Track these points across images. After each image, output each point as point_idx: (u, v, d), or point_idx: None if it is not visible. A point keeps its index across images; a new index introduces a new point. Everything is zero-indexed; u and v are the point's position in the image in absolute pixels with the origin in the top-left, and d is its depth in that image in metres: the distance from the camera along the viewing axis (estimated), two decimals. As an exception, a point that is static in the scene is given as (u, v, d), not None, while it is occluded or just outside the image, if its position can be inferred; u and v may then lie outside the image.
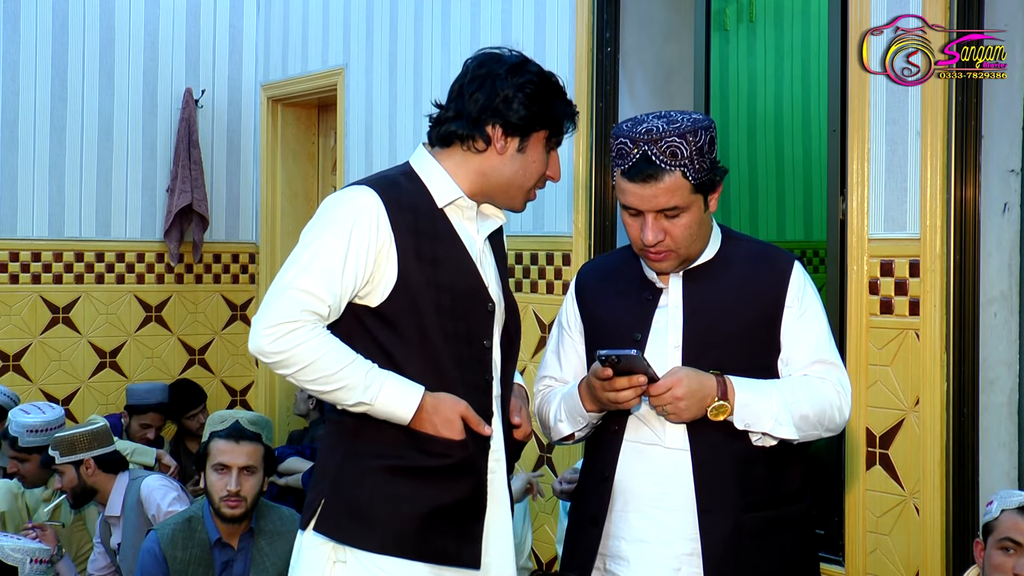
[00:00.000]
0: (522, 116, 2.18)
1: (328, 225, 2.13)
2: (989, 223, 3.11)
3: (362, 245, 2.10)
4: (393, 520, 2.14)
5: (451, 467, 2.15)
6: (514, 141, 2.20)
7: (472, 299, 2.20)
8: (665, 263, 2.22)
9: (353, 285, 2.11)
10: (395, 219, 2.14)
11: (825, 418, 2.22)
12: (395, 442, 2.15)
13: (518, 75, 2.19)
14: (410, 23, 5.09)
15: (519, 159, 2.21)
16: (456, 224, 2.22)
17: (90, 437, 4.06)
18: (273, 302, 2.09)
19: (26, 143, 5.70)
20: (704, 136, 2.15)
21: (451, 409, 2.13)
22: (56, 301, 5.79)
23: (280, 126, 6.21)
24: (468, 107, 2.19)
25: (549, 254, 4.33)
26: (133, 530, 3.91)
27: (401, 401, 2.11)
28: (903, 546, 3.14)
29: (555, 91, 2.23)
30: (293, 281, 2.09)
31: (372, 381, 2.10)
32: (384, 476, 2.15)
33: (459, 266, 2.19)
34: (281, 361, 2.08)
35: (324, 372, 2.08)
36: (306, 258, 2.11)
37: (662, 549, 2.20)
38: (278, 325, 2.06)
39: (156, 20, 6.06)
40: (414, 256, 2.14)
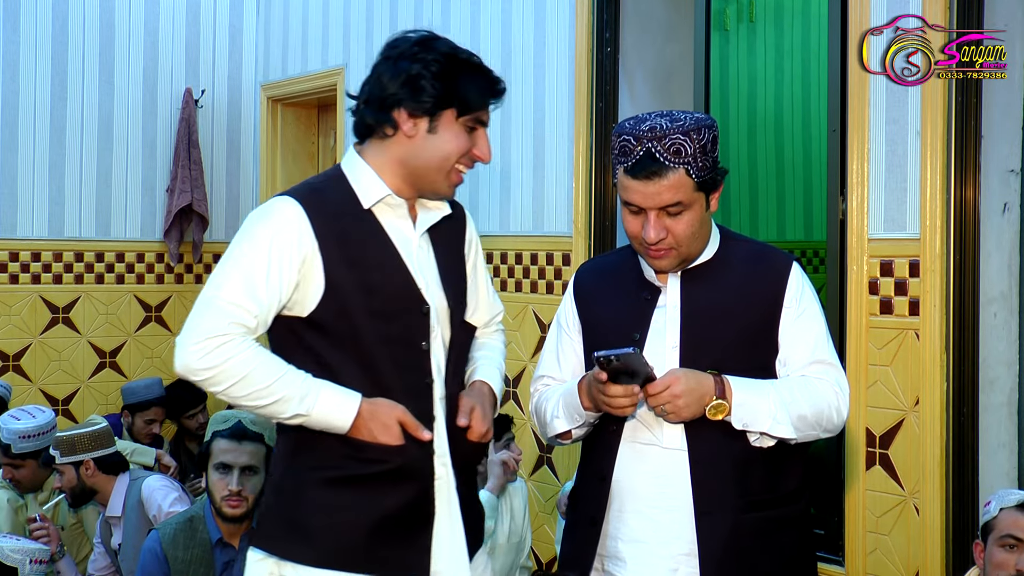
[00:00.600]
0: (427, 95, 2.09)
1: (250, 239, 2.09)
2: (989, 223, 3.11)
3: (284, 257, 2.06)
4: (332, 532, 2.10)
5: (390, 473, 2.09)
6: (422, 122, 2.11)
7: (404, 301, 2.14)
8: (665, 261, 2.22)
9: (278, 297, 2.07)
10: (318, 226, 2.09)
11: (823, 418, 2.22)
12: (333, 452, 2.10)
13: (423, 52, 2.11)
14: (410, 23, 5.09)
15: (431, 140, 2.12)
16: (386, 223, 2.16)
17: (91, 438, 4.06)
18: (199, 317, 2.03)
19: (26, 143, 5.70)
20: (707, 134, 2.15)
21: (387, 414, 2.08)
22: (56, 301, 5.79)
23: (280, 126, 6.21)
24: (375, 93, 2.14)
25: (549, 254, 4.33)
26: (134, 530, 3.91)
27: (338, 410, 2.06)
28: (903, 546, 3.14)
29: (463, 67, 2.12)
30: (217, 295, 2.04)
31: (308, 391, 2.05)
32: (322, 487, 2.11)
33: (388, 268, 2.14)
34: (211, 378, 2.01)
35: (257, 386, 2.02)
36: (229, 271, 2.07)
37: (659, 549, 2.20)
38: (206, 340, 2.00)
39: (156, 20, 6.06)
40: (341, 262, 2.09)
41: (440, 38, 2.16)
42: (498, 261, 4.56)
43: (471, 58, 2.16)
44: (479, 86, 2.14)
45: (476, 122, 2.15)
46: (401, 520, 2.13)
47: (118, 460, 4.11)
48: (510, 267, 4.51)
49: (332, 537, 2.10)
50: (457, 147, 2.14)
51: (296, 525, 2.12)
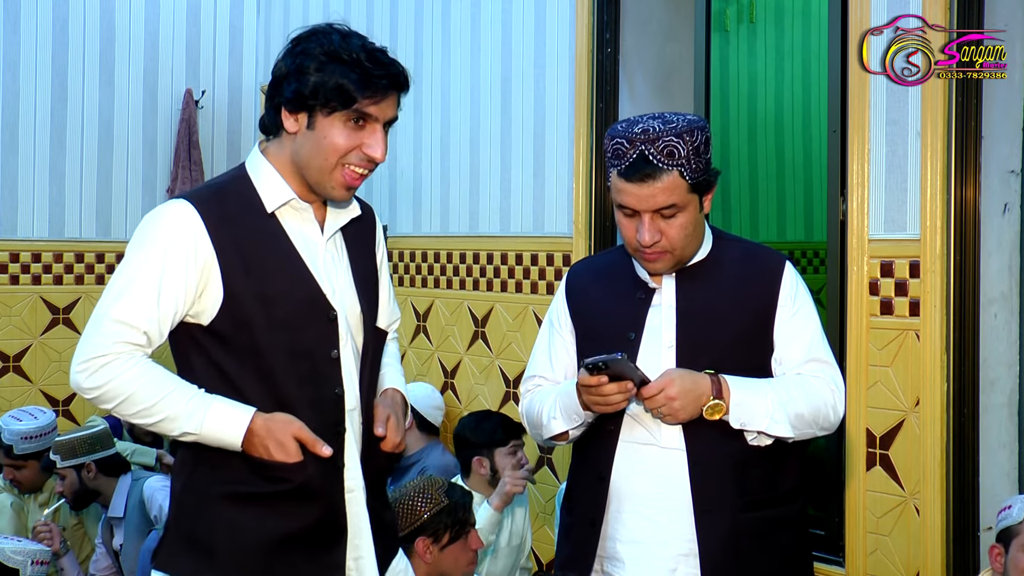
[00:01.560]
0: (295, 90, 2.01)
1: (142, 247, 2.01)
2: (989, 224, 3.11)
3: (178, 267, 1.97)
4: (236, 551, 2.01)
5: (292, 492, 2.00)
6: (301, 118, 2.02)
7: (308, 309, 2.05)
8: (660, 263, 2.22)
9: (174, 308, 1.99)
10: (216, 232, 2.00)
11: (820, 416, 2.22)
12: (235, 468, 2.01)
13: (300, 46, 2.05)
14: (410, 23, 5.09)
15: (311, 136, 2.02)
16: (291, 228, 2.07)
17: (91, 441, 4.06)
18: (88, 335, 1.99)
19: (26, 144, 5.70)
20: (700, 136, 2.15)
21: (283, 430, 1.98)
22: (56, 302, 5.79)
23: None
24: (270, 92, 2.08)
25: (549, 254, 4.33)
26: (135, 531, 3.92)
27: (228, 427, 1.96)
28: (903, 547, 3.14)
29: (335, 60, 2.00)
30: (106, 311, 1.98)
31: (196, 408, 1.97)
32: (224, 505, 2.02)
33: (291, 275, 2.04)
34: (99, 396, 1.97)
35: (143, 404, 1.96)
36: (120, 285, 1.99)
37: (658, 550, 2.20)
38: (91, 360, 1.96)
39: (156, 21, 6.06)
40: (240, 269, 2.00)
41: (332, 31, 2.07)
42: (498, 262, 4.55)
43: (353, 51, 2.02)
44: (354, 80, 1.99)
45: (360, 116, 2.01)
46: (310, 539, 2.04)
47: (119, 461, 4.11)
48: (510, 268, 4.51)
49: (236, 556, 2.02)
50: (336, 143, 2.01)
51: (196, 543, 2.04)
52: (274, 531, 2.02)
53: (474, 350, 4.67)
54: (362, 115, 2.01)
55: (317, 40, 2.05)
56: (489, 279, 4.61)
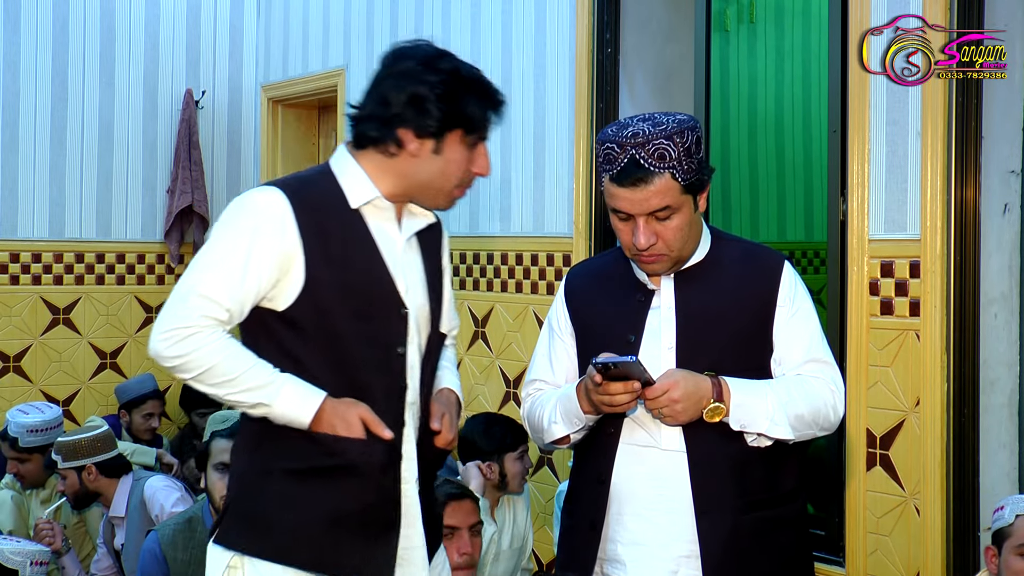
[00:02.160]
0: (434, 119, 2.08)
1: (232, 228, 2.07)
2: (989, 224, 3.11)
3: (265, 249, 2.04)
4: (290, 526, 2.08)
5: (347, 468, 2.07)
6: (428, 143, 2.10)
7: (383, 302, 2.12)
8: (657, 266, 2.22)
9: (256, 290, 2.05)
10: (303, 221, 2.07)
11: (820, 417, 2.22)
12: (295, 446, 2.08)
13: (429, 73, 2.09)
14: (410, 24, 5.09)
15: (436, 161, 2.11)
16: (373, 225, 2.14)
17: (93, 442, 4.07)
18: (172, 307, 2.05)
19: (27, 144, 5.70)
20: (691, 136, 2.14)
21: (348, 411, 2.06)
22: (56, 302, 5.79)
23: (280, 127, 6.21)
24: (379, 109, 2.11)
25: (549, 255, 4.33)
26: (137, 531, 3.92)
27: (300, 404, 2.05)
28: (903, 547, 3.14)
29: (468, 86, 2.10)
30: (193, 286, 2.05)
31: (271, 384, 2.04)
32: (283, 480, 2.09)
33: (370, 269, 2.12)
34: (179, 365, 2.04)
35: (223, 376, 2.03)
36: (207, 261, 2.06)
37: (659, 552, 2.19)
38: (174, 330, 2.02)
39: (156, 21, 6.06)
40: (322, 259, 2.07)
41: (444, 55, 2.14)
42: (498, 262, 4.55)
43: (473, 74, 2.14)
44: (483, 104, 2.13)
45: (479, 139, 2.15)
46: (363, 521, 2.10)
47: (120, 463, 4.12)
48: (510, 268, 4.50)
49: (293, 532, 2.08)
50: (461, 166, 2.14)
51: (256, 518, 2.10)
52: (329, 507, 2.08)
53: (474, 350, 4.67)
54: (480, 139, 2.15)
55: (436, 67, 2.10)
56: (489, 279, 4.61)
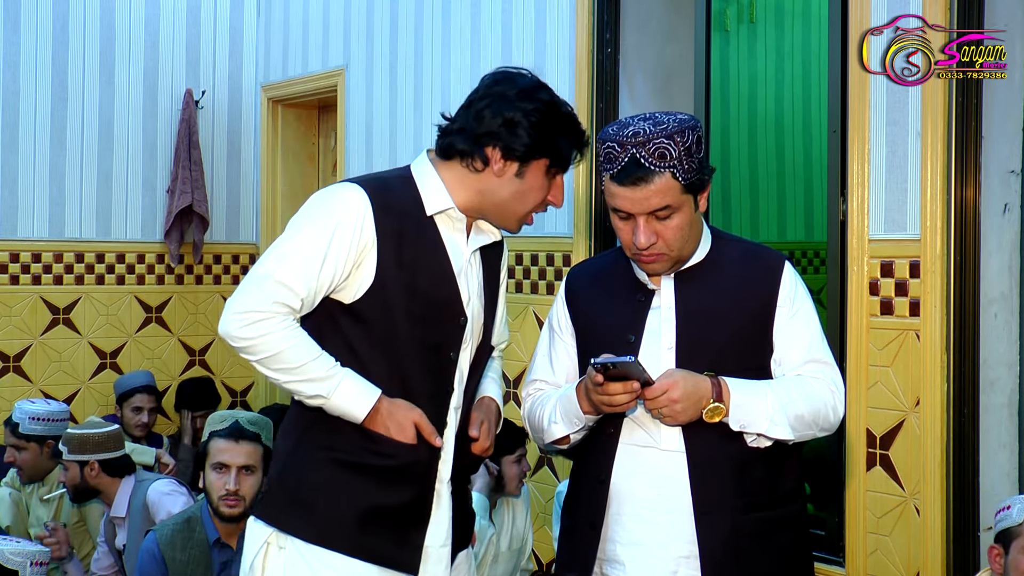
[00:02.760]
0: (523, 143, 2.16)
1: (313, 219, 2.15)
2: (989, 224, 3.11)
3: (343, 244, 2.11)
4: (332, 513, 2.16)
5: (396, 469, 2.16)
6: (512, 166, 2.18)
7: (445, 309, 2.21)
8: (657, 265, 2.21)
9: (330, 282, 2.13)
10: (380, 221, 2.14)
11: (820, 417, 2.22)
12: (346, 437, 2.16)
13: (526, 100, 2.17)
14: (410, 24, 5.09)
15: (516, 184, 2.20)
16: (444, 233, 2.22)
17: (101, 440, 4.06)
18: (248, 289, 2.11)
19: (27, 144, 5.70)
20: (691, 136, 2.14)
21: (405, 415, 2.15)
22: (56, 302, 5.79)
23: (280, 127, 6.21)
24: (472, 124, 2.19)
25: (549, 255, 4.33)
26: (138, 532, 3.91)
27: (357, 400, 2.12)
28: (903, 547, 3.14)
29: (562, 120, 2.20)
30: (271, 271, 2.11)
31: (331, 377, 2.11)
32: (330, 468, 2.17)
33: (437, 274, 2.20)
34: (247, 347, 2.10)
35: (287, 364, 2.10)
36: (287, 249, 2.13)
37: (659, 552, 2.19)
38: (248, 312, 2.08)
39: (156, 21, 6.06)
40: (394, 259, 2.15)
41: (543, 87, 2.22)
42: (498, 262, 4.55)
43: (567, 111, 2.21)
44: (572, 141, 2.21)
45: (559, 171, 2.22)
46: (398, 516, 2.19)
47: (125, 464, 4.11)
48: (510, 268, 4.50)
49: (331, 518, 2.16)
50: (540, 194, 2.22)
51: (299, 500, 2.18)
52: (370, 502, 2.16)
53: (474, 350, 4.66)
54: (563, 171, 2.24)
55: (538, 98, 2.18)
56: (489, 279, 4.60)
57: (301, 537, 2.17)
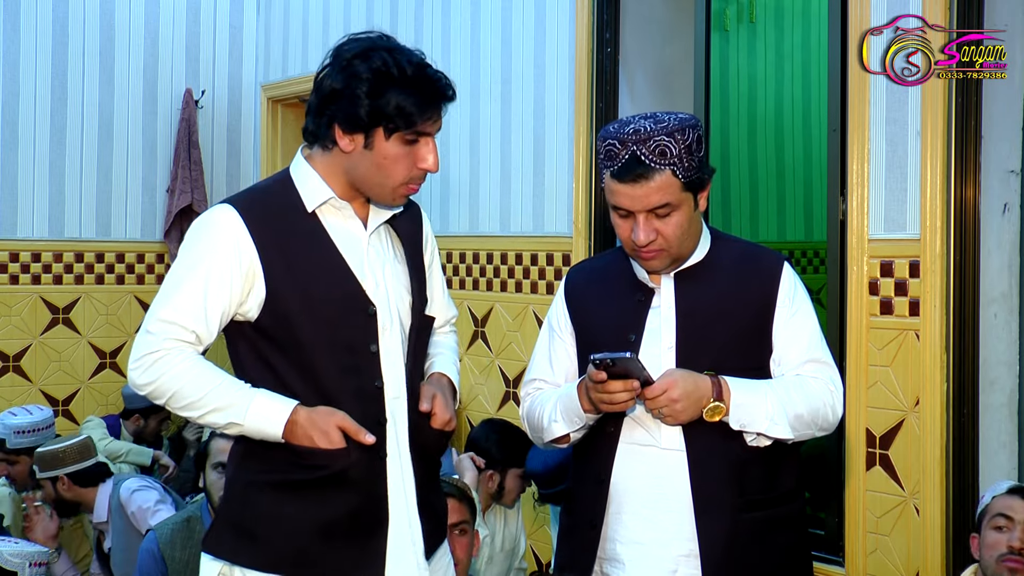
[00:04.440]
0: (351, 114, 2.04)
1: (190, 251, 2.11)
2: (989, 223, 3.11)
3: (224, 267, 2.06)
4: (279, 537, 2.09)
5: (334, 477, 2.07)
6: (357, 138, 2.06)
7: (347, 303, 2.11)
8: (657, 261, 2.22)
9: (221, 308, 2.07)
10: (257, 233, 2.08)
11: (819, 417, 2.22)
12: (276, 458, 2.09)
13: (353, 66, 2.05)
14: (410, 24, 5.09)
15: (368, 156, 2.07)
16: (332, 226, 2.14)
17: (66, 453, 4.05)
18: (140, 336, 2.08)
19: (26, 143, 5.70)
20: (692, 134, 2.15)
21: (325, 421, 2.05)
22: (56, 302, 5.79)
23: (280, 126, 6.21)
24: (314, 102, 2.11)
25: (549, 254, 4.33)
26: (119, 533, 3.91)
27: (270, 418, 2.05)
28: (903, 547, 3.14)
29: (392, 82, 2.02)
30: (154, 312, 2.08)
31: (240, 401, 2.05)
32: (267, 492, 2.10)
33: (330, 271, 2.11)
34: (152, 392, 2.06)
35: (190, 398, 2.04)
36: (169, 288, 2.09)
37: (658, 551, 2.19)
38: (143, 357, 2.05)
39: (156, 20, 6.06)
40: (281, 267, 2.08)
41: (379, 47, 2.08)
42: (498, 261, 4.55)
43: (405, 70, 2.04)
44: (412, 102, 2.03)
45: (416, 135, 2.06)
46: (351, 525, 2.10)
47: (97, 471, 4.09)
48: (510, 268, 4.50)
49: (279, 542, 2.09)
50: (400, 163, 2.07)
51: (243, 529, 2.12)
52: (314, 518, 2.09)
53: (474, 350, 4.67)
54: (419, 133, 2.06)
55: (366, 59, 2.05)
56: (489, 279, 4.61)
57: (252, 567, 2.10)
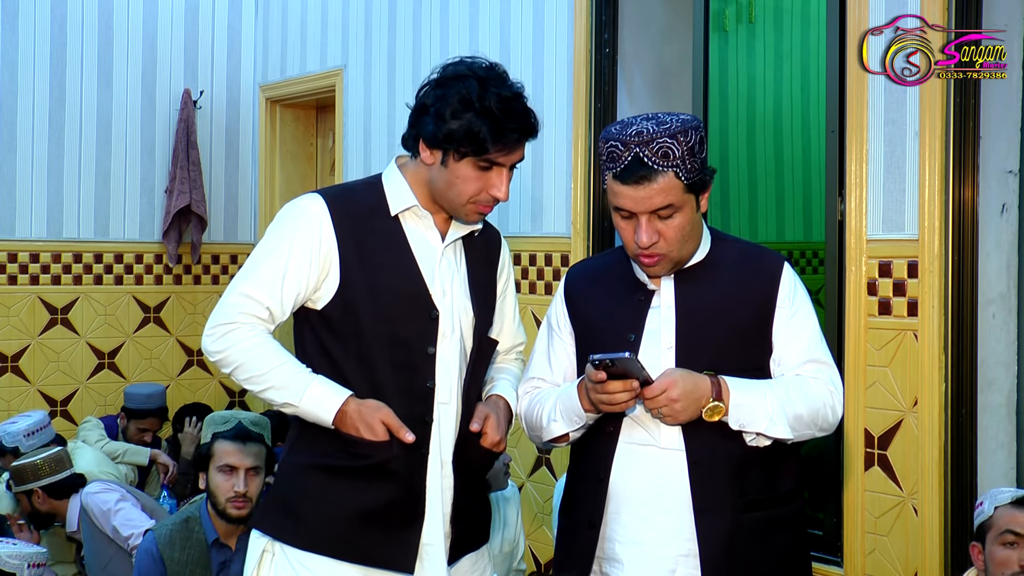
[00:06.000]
0: (431, 132, 2.18)
1: (275, 231, 2.24)
2: (987, 224, 3.11)
3: (304, 251, 2.19)
4: (320, 518, 2.21)
5: (375, 468, 2.18)
6: (436, 154, 2.20)
7: (411, 304, 2.23)
8: (657, 268, 2.22)
9: (297, 289, 2.20)
10: (340, 225, 2.21)
11: (818, 417, 2.22)
12: (327, 442, 2.21)
13: (442, 88, 2.19)
14: (408, 24, 5.08)
15: (444, 173, 2.21)
16: (412, 231, 2.27)
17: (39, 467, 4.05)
18: (219, 304, 2.22)
19: (25, 144, 5.70)
20: (694, 136, 2.15)
21: (371, 415, 2.17)
22: (54, 302, 5.78)
23: (278, 127, 6.21)
24: (411, 114, 2.25)
25: (548, 255, 4.33)
26: (90, 538, 3.91)
27: (323, 404, 2.17)
28: (901, 547, 3.14)
29: (473, 109, 2.15)
30: (236, 286, 2.22)
31: (298, 383, 2.17)
32: (314, 474, 2.23)
33: (402, 272, 2.23)
34: (220, 360, 2.20)
35: (254, 372, 2.18)
36: (251, 263, 2.24)
37: (657, 551, 2.19)
38: (217, 326, 2.20)
39: (155, 21, 6.06)
40: (356, 261, 2.21)
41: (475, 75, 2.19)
42: (497, 262, 4.55)
43: (488, 100, 2.15)
44: (486, 131, 2.15)
45: (488, 162, 2.18)
46: (387, 515, 2.21)
47: (70, 483, 4.09)
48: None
49: (320, 523, 2.21)
50: (471, 184, 2.20)
51: (289, 508, 2.24)
52: (354, 503, 2.20)
53: (472, 350, 4.66)
54: (491, 162, 2.18)
55: (457, 84, 2.18)
56: (487, 279, 4.60)
57: (292, 544, 2.22)
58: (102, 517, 3.81)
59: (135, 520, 3.76)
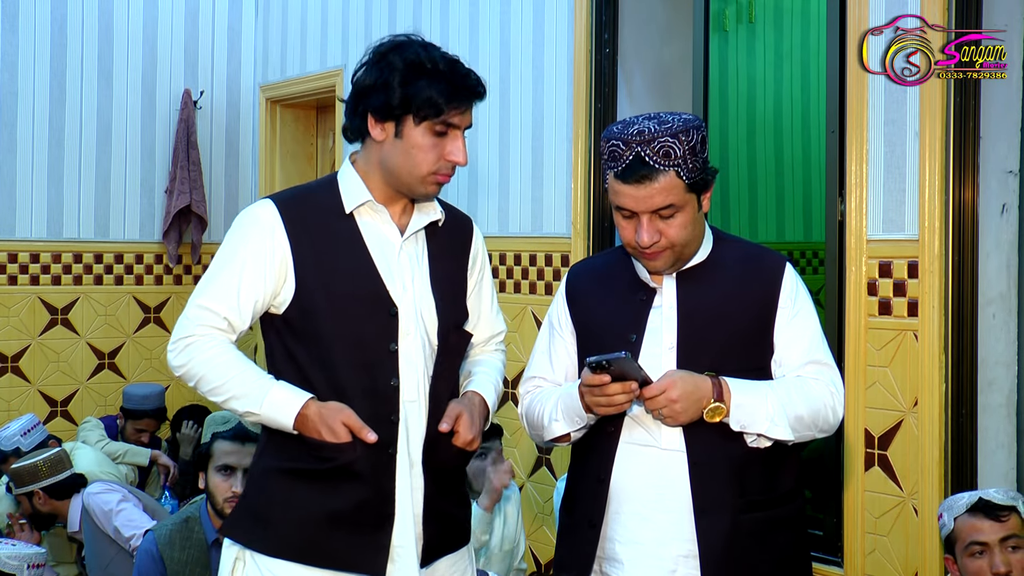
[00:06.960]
0: (382, 102, 2.15)
1: (229, 242, 2.24)
2: (987, 224, 3.11)
3: (258, 259, 2.18)
4: (288, 522, 2.18)
5: (340, 470, 2.15)
6: (388, 127, 2.17)
7: (370, 303, 2.20)
8: (660, 261, 2.21)
9: (254, 297, 2.18)
10: (292, 230, 2.19)
11: (819, 418, 2.22)
12: (294, 447, 2.18)
13: (387, 58, 2.16)
14: (408, 24, 5.08)
15: (399, 145, 2.17)
16: (367, 227, 2.23)
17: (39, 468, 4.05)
18: (179, 320, 2.21)
19: (25, 144, 5.70)
20: (696, 135, 2.15)
21: (333, 416, 2.14)
22: (55, 302, 5.78)
23: (278, 127, 6.21)
24: (350, 98, 2.23)
25: (548, 255, 4.33)
26: (91, 538, 3.92)
27: (283, 408, 2.14)
28: (901, 547, 3.14)
29: (422, 72, 2.13)
30: (194, 299, 2.21)
31: (257, 390, 2.15)
32: (281, 479, 2.21)
33: (356, 269, 2.20)
34: (183, 374, 2.19)
35: (215, 383, 2.16)
36: (208, 276, 2.23)
37: (657, 551, 2.19)
38: (178, 340, 2.19)
39: (155, 21, 6.06)
40: (311, 264, 2.18)
41: (414, 43, 2.19)
42: (497, 262, 4.55)
43: (437, 62, 2.15)
44: (440, 91, 2.13)
45: (445, 126, 2.16)
46: (356, 518, 2.18)
47: (71, 483, 4.09)
48: (509, 268, 4.50)
49: (289, 528, 2.18)
50: (429, 152, 2.17)
51: (259, 515, 2.22)
52: (322, 506, 2.17)
53: (472, 350, 4.66)
54: (447, 124, 2.16)
55: (400, 52, 2.16)
56: (487, 279, 4.60)
57: (262, 551, 2.19)
58: (103, 517, 3.81)
59: (136, 520, 3.76)
